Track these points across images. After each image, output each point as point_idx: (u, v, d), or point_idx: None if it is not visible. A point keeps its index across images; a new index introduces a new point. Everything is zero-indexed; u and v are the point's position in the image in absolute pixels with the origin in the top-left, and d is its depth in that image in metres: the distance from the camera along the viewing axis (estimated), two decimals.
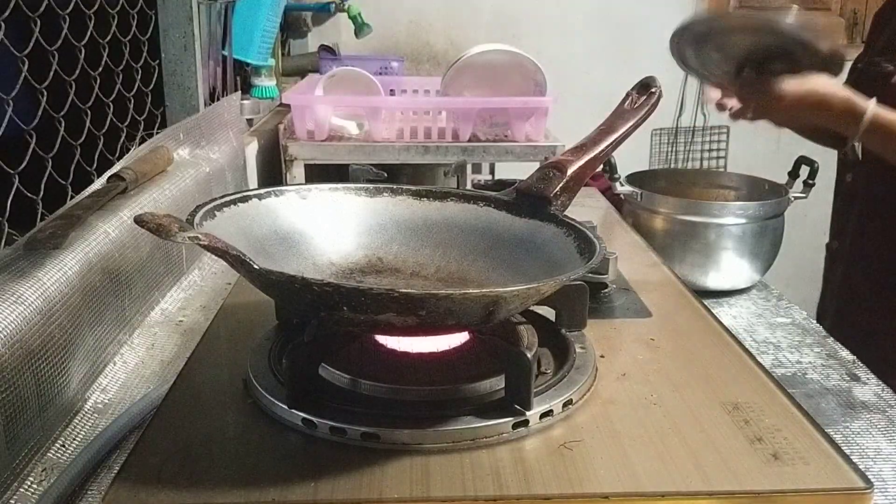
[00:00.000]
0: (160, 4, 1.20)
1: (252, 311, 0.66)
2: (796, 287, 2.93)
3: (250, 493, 0.43)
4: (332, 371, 0.53)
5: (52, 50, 0.88)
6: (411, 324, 0.46)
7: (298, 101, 1.52)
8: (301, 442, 0.48)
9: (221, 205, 0.57)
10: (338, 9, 2.41)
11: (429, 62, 2.67)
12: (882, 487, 0.60)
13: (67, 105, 0.92)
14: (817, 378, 0.80)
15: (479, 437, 0.48)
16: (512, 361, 0.50)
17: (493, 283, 0.60)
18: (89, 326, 0.71)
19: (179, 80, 1.23)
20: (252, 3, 1.62)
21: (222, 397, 0.54)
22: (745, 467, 0.46)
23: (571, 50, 2.70)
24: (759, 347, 0.87)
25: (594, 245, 0.55)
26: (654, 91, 0.68)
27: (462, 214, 0.66)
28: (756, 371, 0.58)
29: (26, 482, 0.58)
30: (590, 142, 0.66)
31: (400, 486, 0.44)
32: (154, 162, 0.95)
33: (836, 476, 0.45)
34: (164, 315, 0.90)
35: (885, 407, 0.73)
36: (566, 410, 0.51)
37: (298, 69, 2.24)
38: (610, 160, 1.11)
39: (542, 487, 0.44)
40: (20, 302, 0.60)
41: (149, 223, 0.44)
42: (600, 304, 0.70)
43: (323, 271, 0.61)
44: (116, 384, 0.74)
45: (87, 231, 0.75)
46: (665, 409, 0.52)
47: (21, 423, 0.58)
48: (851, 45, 2.80)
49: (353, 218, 0.65)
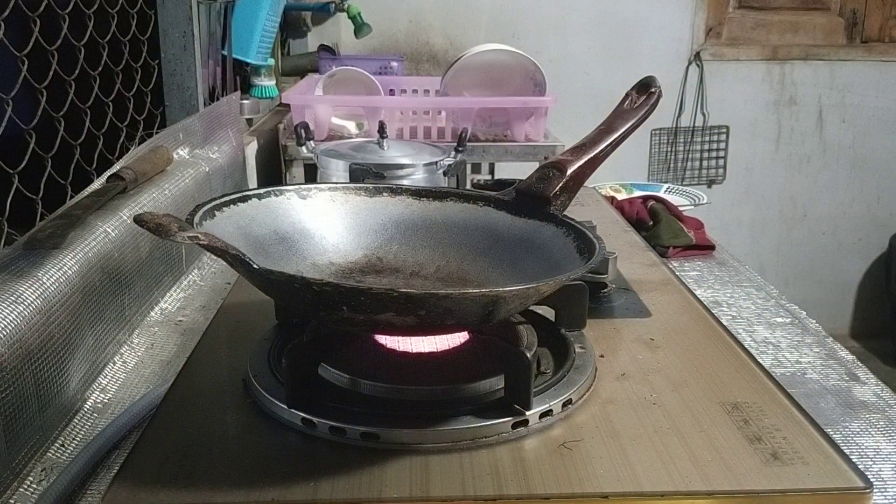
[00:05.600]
0: (160, 4, 1.20)
1: (252, 311, 0.66)
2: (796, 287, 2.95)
3: (250, 493, 0.43)
4: (331, 371, 0.53)
5: (52, 49, 0.88)
6: (411, 323, 0.46)
7: (298, 100, 1.52)
8: (301, 442, 0.48)
9: (221, 204, 0.57)
10: (337, 9, 2.41)
11: (429, 62, 2.67)
12: (881, 487, 0.60)
13: (67, 105, 0.92)
14: (817, 378, 0.79)
15: (479, 436, 0.48)
16: (511, 361, 0.50)
17: (492, 282, 0.60)
18: (89, 326, 0.71)
19: (179, 80, 1.23)
20: (252, 3, 1.62)
21: (222, 397, 0.54)
22: (745, 467, 0.46)
23: (571, 50, 2.70)
24: (758, 347, 0.87)
25: (594, 245, 0.55)
26: (653, 91, 0.68)
27: (462, 214, 0.66)
28: (755, 371, 0.58)
29: (26, 482, 0.58)
30: (589, 142, 0.66)
31: (399, 486, 0.44)
32: (154, 162, 0.95)
33: (836, 476, 0.45)
34: (164, 315, 0.90)
35: (885, 407, 0.73)
36: (566, 410, 0.51)
37: (298, 69, 2.24)
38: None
39: (542, 487, 0.44)
40: (20, 302, 0.60)
41: (148, 223, 0.44)
42: (600, 303, 0.70)
43: (322, 271, 0.61)
44: (116, 384, 0.74)
45: (87, 231, 0.75)
46: (664, 408, 0.52)
47: (21, 422, 0.58)
48: (851, 45, 2.81)
49: (352, 218, 0.65)
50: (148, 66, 1.20)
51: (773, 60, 2.79)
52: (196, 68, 1.23)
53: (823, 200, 2.93)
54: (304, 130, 1.12)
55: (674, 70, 2.74)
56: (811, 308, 1.05)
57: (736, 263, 1.13)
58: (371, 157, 1.08)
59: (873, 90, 2.84)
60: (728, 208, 2.89)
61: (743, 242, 2.91)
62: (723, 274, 1.08)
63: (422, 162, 1.08)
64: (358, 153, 1.09)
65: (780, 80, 2.81)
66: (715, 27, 2.75)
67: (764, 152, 2.88)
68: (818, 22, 2.80)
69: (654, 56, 2.70)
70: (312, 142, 1.13)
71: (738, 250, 2.44)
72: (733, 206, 2.90)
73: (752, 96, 2.82)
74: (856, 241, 2.98)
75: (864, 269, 3.02)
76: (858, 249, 3.00)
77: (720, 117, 2.82)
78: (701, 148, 2.85)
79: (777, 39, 2.79)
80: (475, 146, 1.52)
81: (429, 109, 1.62)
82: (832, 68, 2.81)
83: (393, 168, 1.05)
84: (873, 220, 2.96)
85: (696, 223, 1.18)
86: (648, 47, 2.72)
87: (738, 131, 2.84)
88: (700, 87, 2.78)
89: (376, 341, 0.56)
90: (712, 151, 2.86)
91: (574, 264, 0.55)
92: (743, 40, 2.78)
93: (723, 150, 2.86)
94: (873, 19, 2.80)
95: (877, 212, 2.95)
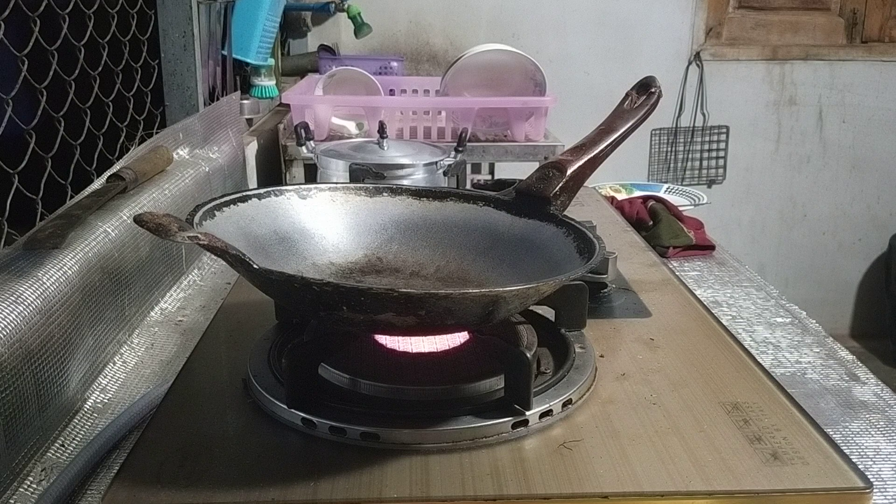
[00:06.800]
0: (160, 4, 1.20)
1: (252, 311, 0.66)
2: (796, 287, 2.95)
3: (250, 493, 0.43)
4: (331, 371, 0.53)
5: (52, 49, 0.87)
6: (411, 323, 0.46)
7: (298, 100, 1.52)
8: (301, 442, 0.48)
9: (221, 204, 0.57)
10: (337, 9, 2.41)
11: (429, 62, 2.67)
12: (881, 487, 0.60)
13: (67, 105, 0.92)
14: (817, 378, 0.79)
15: (479, 436, 0.48)
16: (511, 361, 0.50)
17: (492, 282, 0.60)
18: (89, 326, 0.71)
19: (179, 80, 1.23)
20: (252, 3, 1.62)
21: (222, 397, 0.54)
22: (745, 467, 0.46)
23: (571, 50, 2.70)
24: (758, 347, 0.87)
25: (594, 245, 0.55)
26: (653, 91, 0.68)
27: (462, 214, 0.66)
28: (755, 371, 0.58)
29: (26, 482, 0.58)
30: (589, 142, 0.66)
31: (399, 486, 0.44)
32: (154, 162, 0.95)
33: (836, 476, 0.45)
34: (164, 315, 0.90)
35: (885, 407, 0.73)
36: (566, 410, 0.51)
37: (298, 69, 2.24)
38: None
39: (542, 487, 0.44)
40: (20, 302, 0.60)
41: (148, 223, 0.44)
42: (600, 303, 0.70)
43: (322, 271, 0.61)
44: (116, 384, 0.74)
45: (87, 231, 0.75)
46: (664, 408, 0.52)
47: (20, 422, 0.58)
48: (851, 45, 2.81)
49: (352, 217, 0.65)
50: (148, 66, 1.20)
51: (773, 60, 2.79)
52: (196, 68, 1.23)
53: (823, 200, 2.93)
54: (304, 130, 1.12)
55: (674, 70, 2.74)
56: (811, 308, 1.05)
57: (736, 263, 1.13)
58: (371, 157, 1.08)
59: (873, 90, 2.84)
60: (728, 208, 2.89)
61: (743, 242, 2.91)
62: (723, 274, 1.08)
63: (422, 162, 1.08)
64: (358, 153, 1.09)
65: (780, 80, 2.81)
66: (715, 27, 2.75)
67: (764, 152, 2.88)
68: (818, 22, 2.80)
69: (653, 56, 2.70)
70: (312, 142, 1.13)
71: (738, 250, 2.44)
72: (733, 206, 2.90)
73: (752, 96, 2.82)
74: (856, 241, 2.98)
75: (864, 269, 3.02)
76: (858, 249, 3.00)
77: (720, 117, 2.82)
78: (701, 148, 2.85)
79: (777, 39, 2.79)
80: (475, 146, 1.52)
81: (429, 109, 1.62)
82: (832, 68, 2.81)
83: (393, 168, 1.05)
84: (873, 220, 2.96)
85: (696, 223, 1.18)
86: (648, 47, 2.72)
87: (738, 131, 2.84)
88: (700, 87, 2.78)
89: (376, 341, 0.56)
90: (712, 151, 2.86)
91: (574, 264, 0.55)
92: (743, 40, 2.78)
93: (723, 150, 2.86)
94: (873, 19, 2.80)
95: (877, 212, 2.96)
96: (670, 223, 1.15)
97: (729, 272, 1.09)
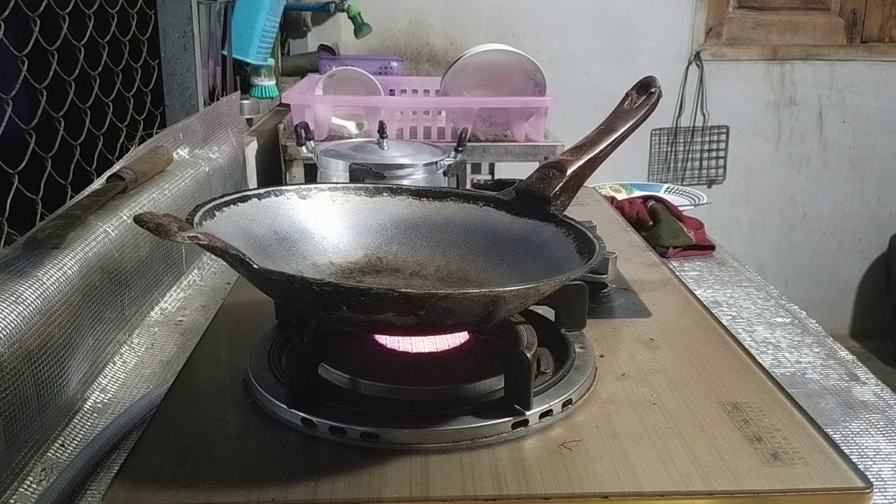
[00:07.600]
0: (160, 4, 1.20)
1: (252, 311, 0.66)
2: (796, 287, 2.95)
3: (250, 493, 0.43)
4: (331, 371, 0.53)
5: (52, 50, 0.87)
6: (411, 323, 0.46)
7: (298, 100, 1.52)
8: (301, 442, 0.48)
9: (221, 204, 0.57)
10: (337, 9, 2.41)
11: (428, 62, 2.67)
12: (881, 487, 0.60)
13: (67, 105, 0.92)
14: (817, 378, 0.79)
15: (479, 436, 0.48)
16: (511, 361, 0.50)
17: (492, 282, 0.60)
18: (89, 326, 0.71)
19: (179, 80, 1.23)
20: (252, 3, 1.62)
21: (222, 397, 0.54)
22: (745, 467, 0.46)
23: (571, 50, 2.70)
24: (758, 347, 0.87)
25: (594, 245, 0.55)
26: (653, 91, 0.68)
27: (462, 214, 0.66)
28: (755, 371, 0.58)
29: (26, 482, 0.58)
30: (589, 142, 0.66)
31: (399, 486, 0.44)
32: (154, 162, 0.95)
33: (836, 476, 0.45)
34: (164, 315, 0.90)
35: (885, 407, 0.73)
36: (566, 410, 0.51)
37: (298, 69, 2.24)
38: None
39: (542, 487, 0.44)
40: (20, 302, 0.60)
41: (148, 223, 0.44)
42: (600, 303, 0.70)
43: (322, 271, 0.61)
44: (116, 384, 0.74)
45: (87, 231, 0.75)
46: (664, 408, 0.52)
47: (20, 422, 0.58)
48: (851, 45, 2.81)
49: (352, 217, 0.65)
50: (148, 66, 1.20)
51: (773, 60, 2.79)
52: (196, 68, 1.23)
53: (823, 200, 2.93)
54: (304, 130, 1.12)
55: (674, 70, 2.74)
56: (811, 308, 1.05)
57: (736, 263, 1.13)
58: (371, 157, 1.08)
59: (873, 90, 2.84)
60: (728, 208, 2.89)
61: (743, 242, 2.91)
62: (723, 274, 1.08)
63: (422, 162, 1.08)
64: (358, 153, 1.09)
65: (780, 80, 2.81)
66: (715, 27, 2.75)
67: (764, 152, 2.88)
68: (818, 22, 2.80)
69: (653, 56, 2.70)
70: (312, 142, 1.13)
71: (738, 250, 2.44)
72: (733, 206, 2.90)
73: (752, 96, 2.82)
74: (856, 241, 2.98)
75: (864, 269, 3.02)
76: (858, 249, 3.00)
77: (720, 117, 2.82)
78: (701, 148, 2.85)
79: (777, 39, 2.79)
80: (475, 146, 1.52)
81: (429, 109, 1.62)
82: (832, 68, 2.81)
83: (393, 168, 1.05)
84: (873, 220, 2.96)
85: (696, 223, 1.18)
86: (648, 47, 2.72)
87: (738, 131, 2.84)
88: (700, 87, 2.78)
89: (376, 341, 0.56)
90: (712, 151, 2.86)
91: (574, 264, 0.55)
92: (743, 40, 2.78)
93: (723, 150, 2.86)
94: (873, 19, 2.80)
95: (877, 212, 2.96)
96: (670, 223, 1.15)
97: (729, 272, 1.09)
